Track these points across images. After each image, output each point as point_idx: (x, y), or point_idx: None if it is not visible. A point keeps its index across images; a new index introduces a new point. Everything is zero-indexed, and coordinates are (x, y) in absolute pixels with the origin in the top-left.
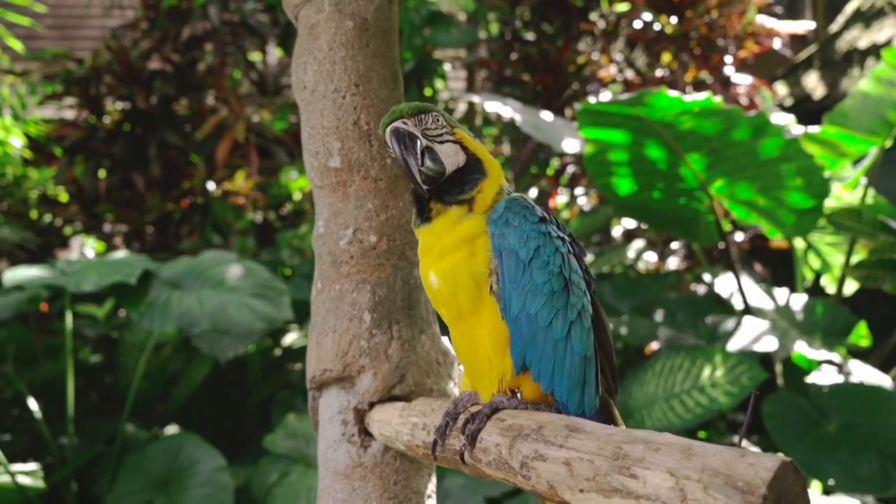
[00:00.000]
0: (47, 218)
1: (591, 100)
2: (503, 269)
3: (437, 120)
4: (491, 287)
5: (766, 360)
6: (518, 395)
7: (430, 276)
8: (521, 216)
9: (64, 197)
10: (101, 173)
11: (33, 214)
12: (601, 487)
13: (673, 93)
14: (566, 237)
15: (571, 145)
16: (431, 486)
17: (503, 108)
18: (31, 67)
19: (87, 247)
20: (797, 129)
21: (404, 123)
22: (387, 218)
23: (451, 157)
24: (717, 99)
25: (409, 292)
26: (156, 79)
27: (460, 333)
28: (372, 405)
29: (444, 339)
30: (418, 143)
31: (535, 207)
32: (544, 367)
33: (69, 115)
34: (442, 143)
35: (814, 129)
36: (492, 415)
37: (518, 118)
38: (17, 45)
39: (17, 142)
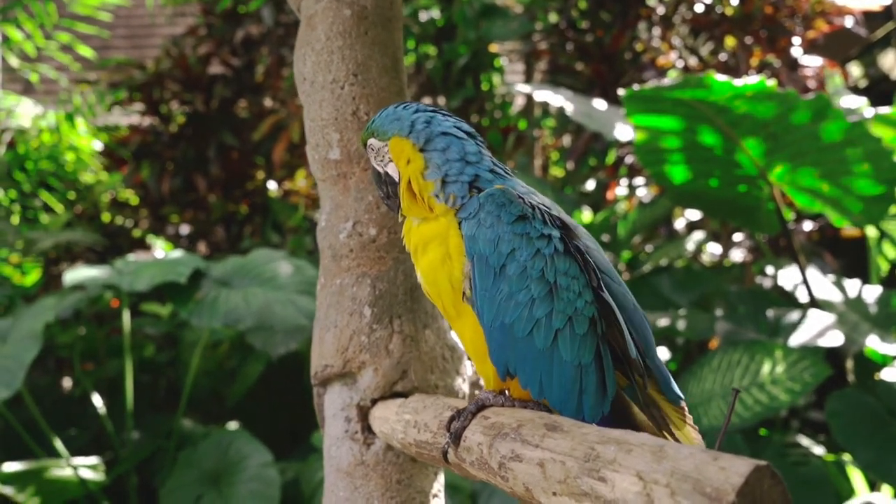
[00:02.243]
0: (118, 220)
1: (666, 81)
2: (475, 274)
3: (373, 148)
4: (464, 293)
5: (835, 355)
6: (506, 392)
7: (418, 274)
8: (493, 216)
9: (134, 200)
10: (166, 176)
11: (105, 218)
12: (572, 491)
13: (721, 77)
14: (555, 234)
15: (624, 132)
16: (438, 486)
17: (553, 98)
18: (101, 76)
19: (156, 247)
20: (869, 112)
21: (370, 153)
22: (387, 210)
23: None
24: (772, 82)
25: (411, 286)
26: (216, 83)
27: (457, 333)
28: (375, 402)
29: (452, 334)
30: (379, 174)
31: (514, 204)
32: (530, 377)
33: (137, 120)
34: (386, 167)
35: (884, 110)
36: (477, 412)
37: (569, 107)
38: (87, 52)
39: (98, 145)
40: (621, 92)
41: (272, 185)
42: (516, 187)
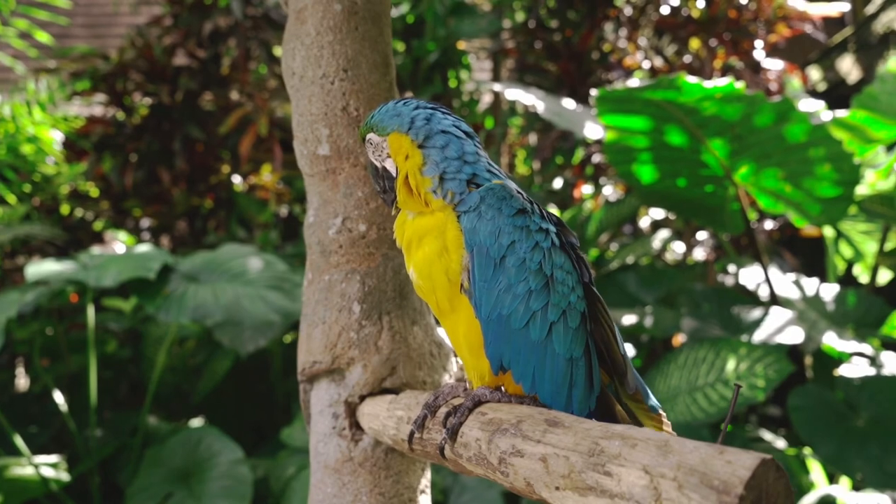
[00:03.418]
0: (78, 213)
1: (632, 82)
2: (474, 266)
3: (372, 143)
4: (462, 285)
5: (794, 352)
6: (502, 388)
7: (410, 270)
8: (494, 209)
9: (94, 192)
10: (129, 168)
11: (64, 210)
12: (576, 485)
13: (692, 78)
14: (551, 229)
15: (594, 131)
16: (425, 482)
17: (524, 96)
18: (61, 64)
19: (116, 241)
20: (826, 115)
21: (368, 148)
22: (377, 206)
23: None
24: (740, 84)
25: (401, 282)
26: (181, 74)
27: (447, 328)
28: (363, 398)
29: (440, 331)
30: (377, 168)
31: (514, 198)
32: (523, 370)
33: (97, 111)
34: (384, 162)
35: (842, 113)
36: (474, 408)
37: (539, 105)
38: (44, 38)
39: (58, 135)
40: (594, 92)
41: (237, 180)
42: (511, 186)
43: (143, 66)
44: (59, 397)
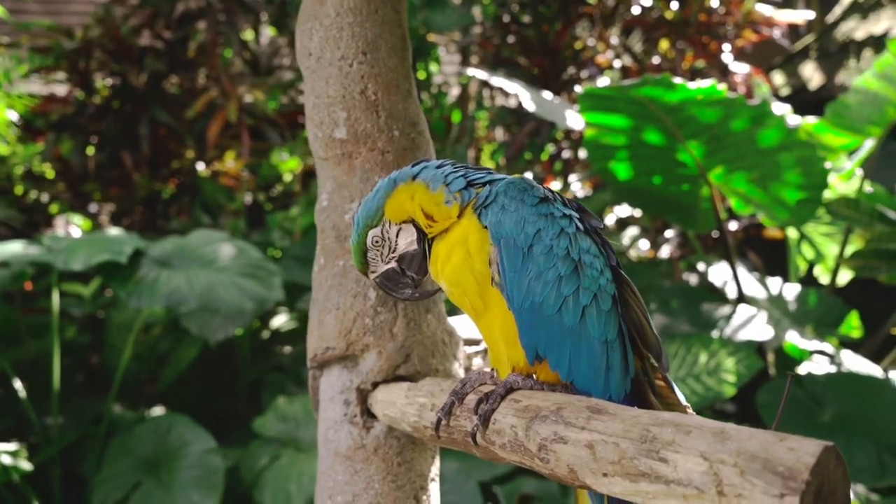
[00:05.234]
0: (33, 195)
1: (595, 84)
2: (502, 258)
3: (377, 237)
4: (493, 278)
5: (758, 349)
6: (533, 376)
7: (441, 283)
8: (517, 200)
9: (50, 174)
10: (90, 150)
11: (18, 191)
12: (627, 471)
13: (677, 80)
14: (574, 214)
15: (576, 121)
16: (435, 469)
17: (509, 85)
18: (18, 39)
19: (72, 225)
20: (793, 119)
21: (370, 269)
22: None
23: (410, 245)
24: (721, 87)
25: None
26: (146, 55)
27: (483, 328)
28: (375, 385)
29: (450, 320)
30: (396, 260)
31: (536, 188)
32: (560, 357)
33: (56, 90)
34: (397, 238)
35: (811, 119)
36: (506, 395)
37: (524, 95)
38: (2, 13)
39: (13, 115)
40: (579, 89)
41: (201, 166)
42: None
43: (108, 44)
44: (17, 384)
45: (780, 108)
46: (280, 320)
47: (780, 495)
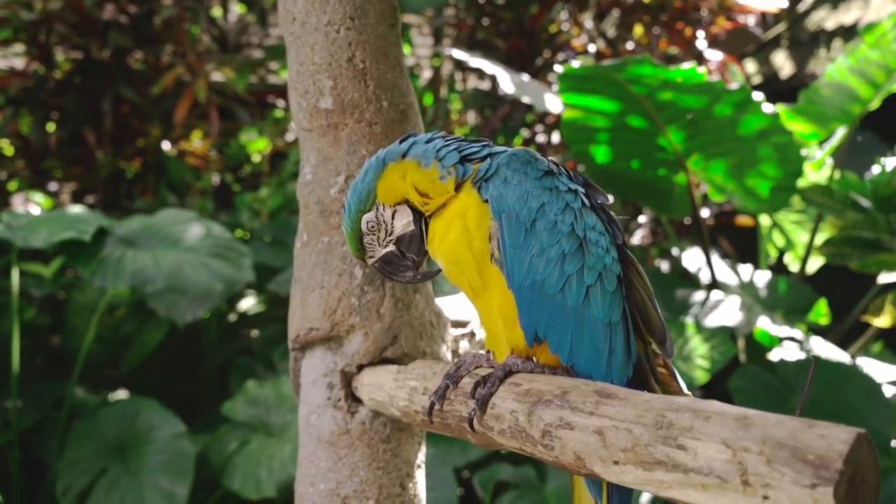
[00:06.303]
0: None
1: (574, 64)
2: (503, 233)
3: (372, 221)
4: (492, 255)
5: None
6: (533, 359)
7: (438, 260)
8: (520, 173)
9: (9, 150)
10: (50, 127)
11: None
12: (641, 459)
13: (657, 61)
14: (580, 189)
15: (554, 104)
16: (422, 456)
17: (488, 66)
18: None
19: (32, 203)
20: (767, 107)
21: (367, 254)
22: None
23: (407, 227)
24: (702, 70)
25: None
26: (110, 29)
27: (481, 308)
28: (361, 368)
29: (438, 301)
30: (395, 242)
31: (540, 160)
32: (561, 338)
33: (15, 63)
34: (393, 220)
35: (782, 107)
36: (505, 378)
37: (503, 76)
38: None
39: None
40: (558, 69)
41: (166, 146)
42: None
43: (70, 17)
44: None
45: (756, 96)
46: (248, 303)
47: (812, 485)
